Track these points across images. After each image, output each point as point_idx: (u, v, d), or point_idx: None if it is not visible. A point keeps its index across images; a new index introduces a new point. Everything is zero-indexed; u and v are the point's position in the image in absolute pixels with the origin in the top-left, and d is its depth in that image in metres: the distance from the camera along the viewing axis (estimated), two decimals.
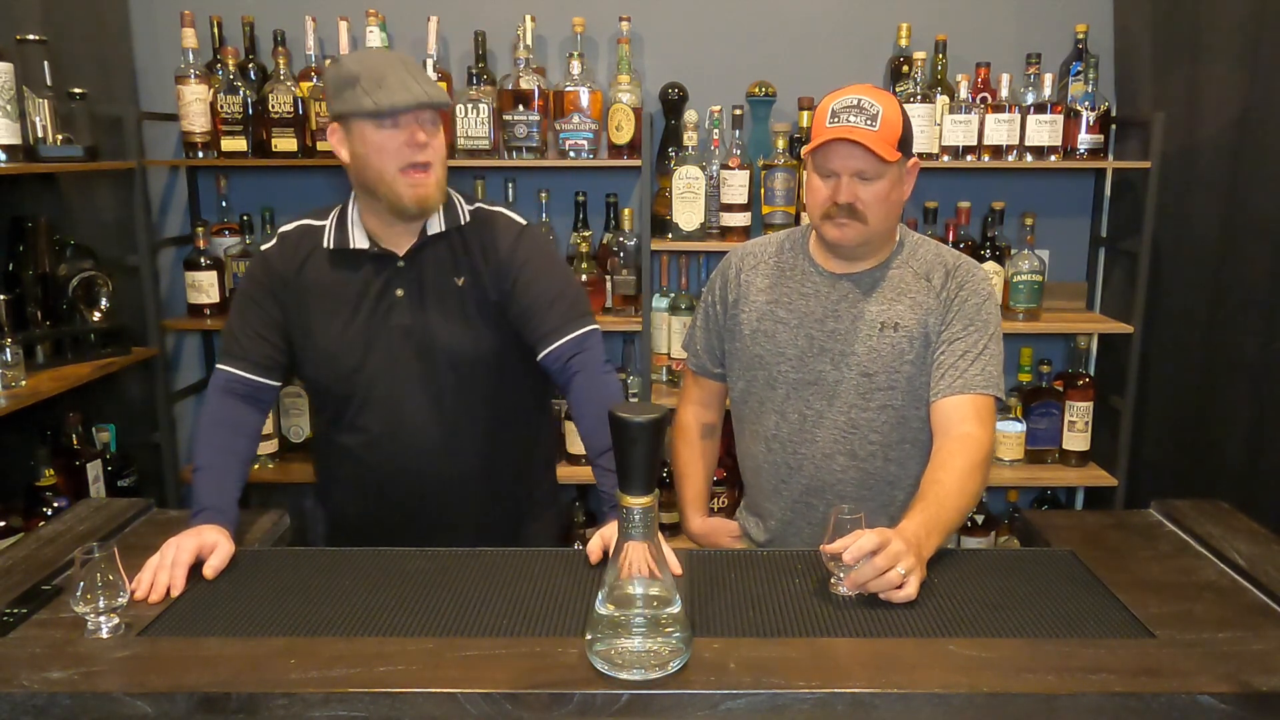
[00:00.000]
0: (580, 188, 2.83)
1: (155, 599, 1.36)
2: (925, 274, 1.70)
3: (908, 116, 1.63)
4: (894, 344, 1.66)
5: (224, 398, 1.68)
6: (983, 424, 1.61)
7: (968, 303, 1.66)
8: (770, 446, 1.76)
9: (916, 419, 1.70)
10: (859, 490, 1.72)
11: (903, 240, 1.74)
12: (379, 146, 1.57)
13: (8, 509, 2.29)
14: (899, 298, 1.68)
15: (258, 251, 1.77)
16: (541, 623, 1.29)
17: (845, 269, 1.72)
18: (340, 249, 1.69)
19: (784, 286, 1.75)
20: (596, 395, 1.64)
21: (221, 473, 1.60)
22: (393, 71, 1.56)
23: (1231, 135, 2.42)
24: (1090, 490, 2.95)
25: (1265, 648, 1.22)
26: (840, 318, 1.70)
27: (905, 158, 1.63)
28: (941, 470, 1.55)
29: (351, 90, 1.56)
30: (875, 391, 1.68)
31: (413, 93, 1.55)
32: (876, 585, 1.32)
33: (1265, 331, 2.31)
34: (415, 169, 1.59)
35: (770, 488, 1.79)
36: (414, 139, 1.57)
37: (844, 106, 1.58)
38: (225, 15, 2.79)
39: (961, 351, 1.64)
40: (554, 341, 1.68)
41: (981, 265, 1.71)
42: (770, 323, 1.74)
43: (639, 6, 2.78)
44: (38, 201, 2.61)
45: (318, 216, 1.75)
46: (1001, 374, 1.67)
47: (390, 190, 1.60)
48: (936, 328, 1.67)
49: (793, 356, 1.72)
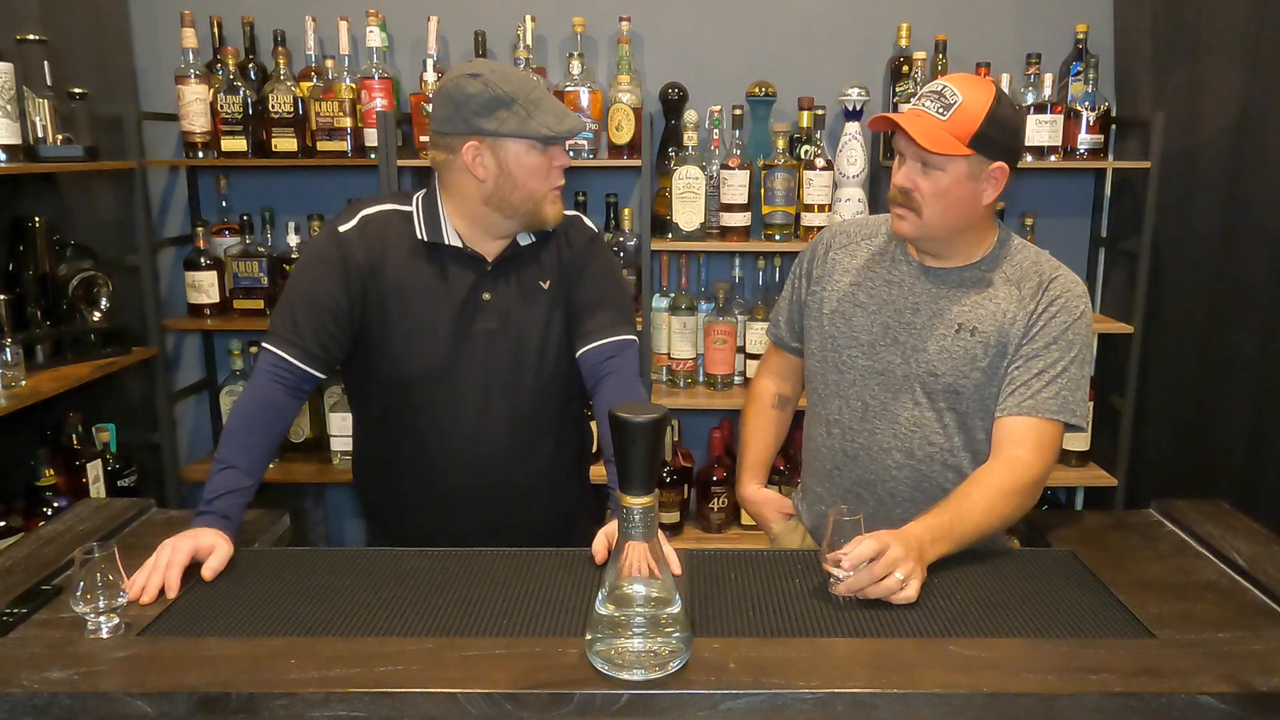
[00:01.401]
0: (580, 188, 2.83)
1: (148, 600, 1.36)
2: (1017, 281, 1.61)
3: (1003, 117, 1.51)
4: (967, 348, 1.59)
5: (270, 385, 1.61)
6: (1040, 451, 1.54)
7: (1056, 319, 1.57)
8: (830, 431, 1.71)
9: (982, 430, 1.62)
10: (912, 492, 1.65)
11: (1004, 242, 1.65)
12: (533, 169, 1.60)
13: (8, 509, 2.29)
14: (984, 301, 1.60)
15: (330, 228, 1.67)
16: (541, 623, 1.29)
17: (935, 263, 1.64)
18: (433, 243, 1.67)
19: (871, 271, 1.70)
20: (627, 399, 1.64)
21: (240, 476, 1.56)
22: (544, 96, 1.60)
23: (1231, 135, 2.41)
24: (1090, 490, 2.95)
25: (1265, 648, 1.22)
26: (919, 311, 1.63)
27: (986, 158, 1.51)
28: (975, 485, 1.51)
29: (508, 112, 1.56)
30: (941, 393, 1.61)
31: (573, 121, 1.61)
32: (874, 592, 1.32)
33: (1265, 331, 2.31)
34: (558, 190, 1.65)
35: (824, 471, 1.74)
36: (563, 163, 1.62)
37: (928, 91, 1.53)
38: (225, 15, 2.79)
39: (1038, 370, 1.56)
40: (594, 341, 1.69)
41: (1081, 281, 1.63)
42: (849, 305, 1.68)
43: (639, 6, 2.78)
44: (38, 201, 2.60)
45: (401, 202, 1.70)
46: (1082, 399, 1.57)
47: (537, 208, 1.63)
48: (1017, 339, 1.58)
49: (865, 343, 1.66)
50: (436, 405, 1.69)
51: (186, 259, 2.82)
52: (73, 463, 2.47)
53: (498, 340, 1.68)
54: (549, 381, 1.73)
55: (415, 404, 1.70)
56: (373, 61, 2.68)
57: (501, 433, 1.71)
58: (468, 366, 1.68)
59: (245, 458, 1.58)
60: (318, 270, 1.65)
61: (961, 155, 1.50)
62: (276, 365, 1.62)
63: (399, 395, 1.70)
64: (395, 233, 1.66)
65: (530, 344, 1.70)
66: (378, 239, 1.66)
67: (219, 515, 1.51)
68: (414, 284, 1.66)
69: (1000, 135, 1.51)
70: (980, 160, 1.52)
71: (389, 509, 1.83)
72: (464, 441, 1.70)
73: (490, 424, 1.70)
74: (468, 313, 1.67)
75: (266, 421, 1.61)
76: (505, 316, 1.69)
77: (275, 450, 1.67)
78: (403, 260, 1.66)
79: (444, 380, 1.68)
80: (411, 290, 1.66)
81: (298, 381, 1.63)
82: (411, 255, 1.66)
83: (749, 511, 1.95)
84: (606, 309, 1.71)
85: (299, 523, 2.98)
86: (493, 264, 1.68)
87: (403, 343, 1.67)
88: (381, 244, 1.66)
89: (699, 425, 2.99)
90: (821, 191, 2.65)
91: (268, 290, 2.79)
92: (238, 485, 1.55)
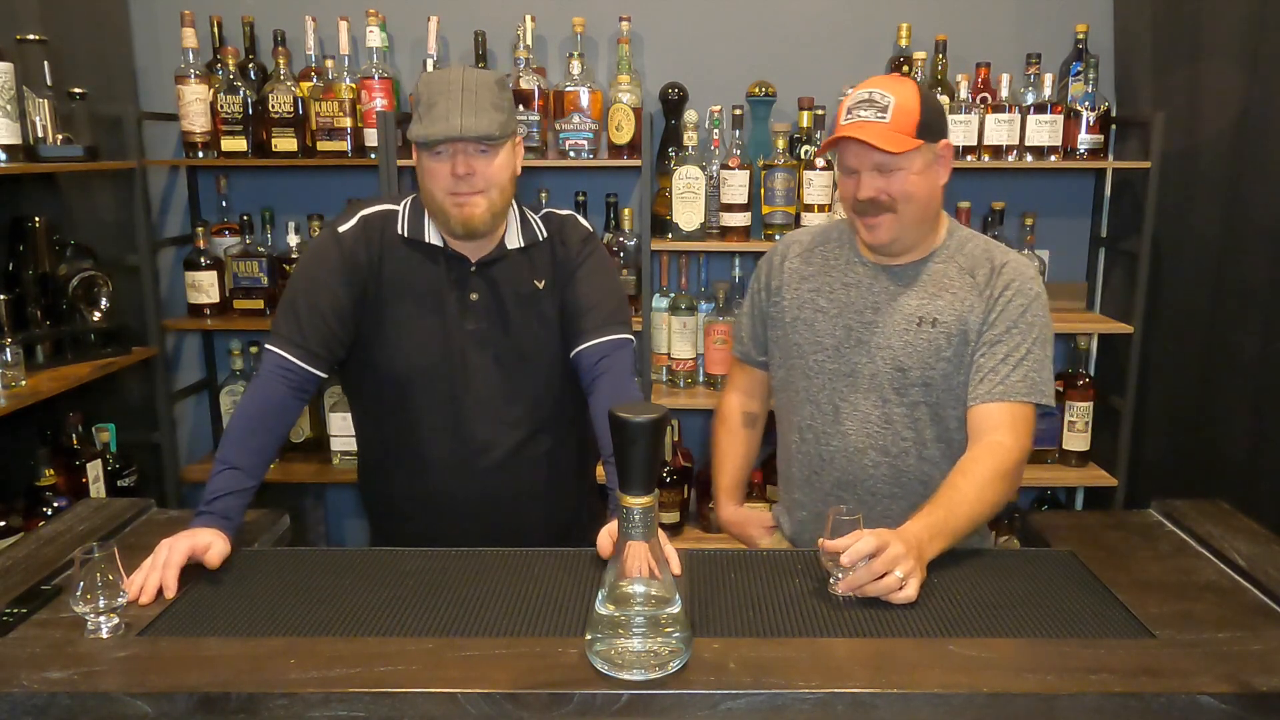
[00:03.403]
0: (580, 188, 2.83)
1: (145, 600, 1.36)
2: (970, 269, 1.66)
3: (931, 100, 1.59)
4: (930, 339, 1.63)
5: (274, 385, 1.62)
6: (1016, 433, 1.58)
7: (1012, 303, 1.61)
8: (804, 437, 1.74)
9: (953, 419, 1.66)
10: (890, 488, 1.69)
11: (951, 233, 1.70)
12: (429, 171, 1.59)
13: (8, 509, 2.29)
14: (940, 292, 1.65)
15: (330, 229, 1.70)
16: (541, 623, 1.29)
17: (888, 261, 1.69)
18: (415, 239, 1.68)
19: (827, 276, 1.73)
20: (619, 399, 1.63)
21: (241, 477, 1.55)
22: (443, 98, 1.55)
23: (1231, 135, 2.41)
24: (1090, 490, 2.95)
25: (1265, 648, 1.22)
26: (879, 310, 1.67)
27: (931, 143, 1.59)
28: (961, 476, 1.54)
29: (417, 113, 1.58)
30: (909, 387, 1.65)
31: (450, 125, 1.53)
32: (873, 589, 1.32)
33: (1265, 331, 2.31)
34: (459, 195, 1.59)
35: (802, 479, 1.76)
36: (454, 169, 1.57)
37: (856, 102, 1.57)
38: (225, 15, 2.79)
39: (1003, 355, 1.60)
40: (588, 340, 1.69)
41: (1031, 264, 1.68)
42: (810, 311, 1.72)
43: (639, 6, 2.78)
44: (38, 201, 2.60)
45: (394, 201, 1.72)
46: (1049, 379, 1.62)
47: (439, 209, 1.62)
48: (977, 326, 1.63)
49: (830, 346, 1.70)
50: (430, 406, 1.70)
51: (186, 259, 2.82)
52: (73, 463, 2.47)
53: (489, 341, 1.69)
54: (546, 383, 1.73)
55: (409, 404, 1.70)
56: (373, 61, 2.68)
57: (497, 434, 1.71)
58: (460, 367, 1.68)
59: (247, 459, 1.58)
60: (318, 271, 1.66)
61: (915, 149, 1.56)
62: (280, 366, 1.63)
63: (393, 395, 1.71)
64: (391, 232, 1.68)
65: (524, 345, 1.70)
66: (376, 239, 1.67)
67: (219, 516, 1.51)
68: (406, 283, 1.67)
69: (935, 117, 1.60)
70: (929, 147, 1.59)
71: (387, 511, 1.83)
72: (459, 443, 1.70)
73: (485, 425, 1.70)
74: (456, 313, 1.68)
75: (269, 422, 1.62)
76: (495, 318, 1.69)
77: (277, 452, 1.67)
78: (396, 260, 1.67)
79: (436, 381, 1.68)
80: (403, 289, 1.67)
81: (301, 382, 1.64)
82: (403, 255, 1.68)
83: (732, 533, 1.97)
84: (600, 309, 1.71)
85: (299, 523, 2.98)
86: (478, 265, 1.69)
87: (394, 342, 1.68)
88: (379, 243, 1.67)
89: (699, 425, 2.99)
90: (821, 191, 2.65)
91: (268, 290, 2.79)
92: (238, 486, 1.55)
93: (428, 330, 1.68)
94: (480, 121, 1.55)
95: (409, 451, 1.73)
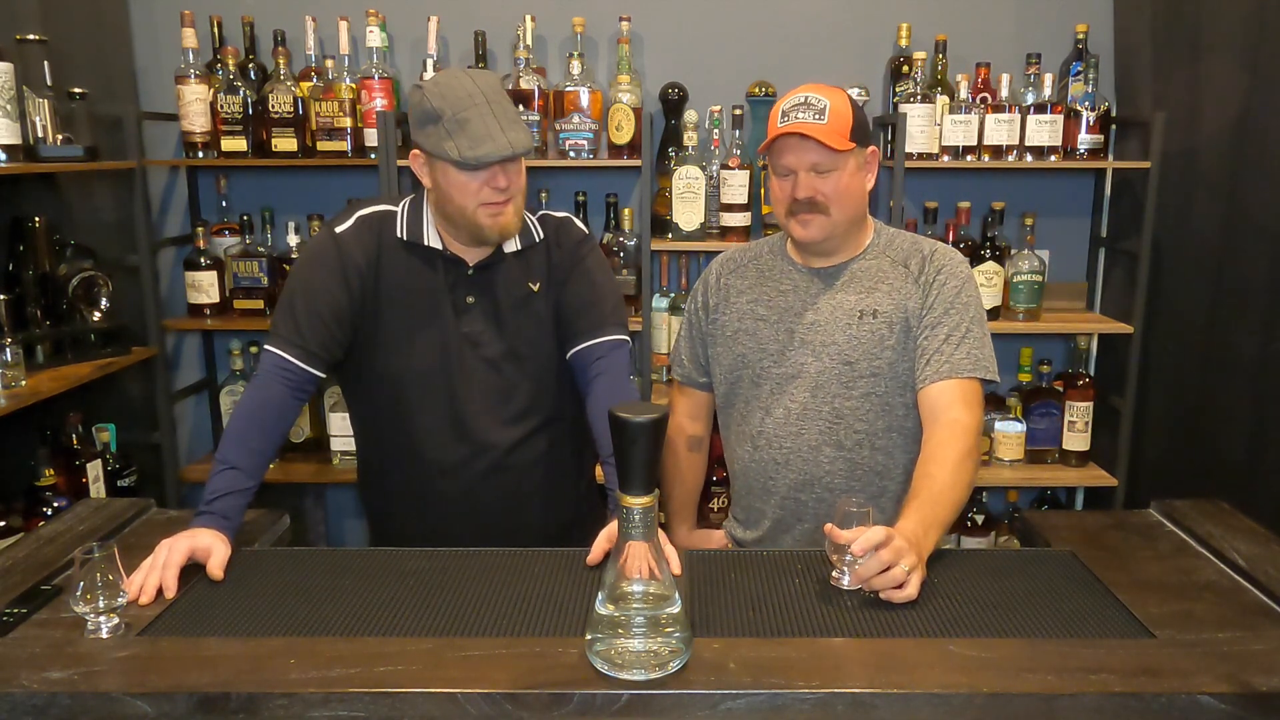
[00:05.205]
0: (580, 188, 2.83)
1: (145, 600, 1.36)
2: (903, 261, 1.73)
3: (860, 109, 1.66)
4: (874, 330, 1.69)
5: (273, 385, 1.62)
6: (970, 408, 1.63)
7: (946, 286, 1.68)
8: (757, 444, 1.77)
9: (901, 406, 1.71)
10: (847, 482, 1.73)
11: (878, 232, 1.78)
12: (461, 186, 1.56)
13: (8, 509, 2.29)
14: (876, 285, 1.71)
15: (327, 229, 1.69)
16: (541, 623, 1.29)
17: (822, 263, 1.75)
18: (413, 243, 1.67)
19: (763, 286, 1.79)
20: (616, 399, 1.63)
21: (242, 477, 1.55)
22: (476, 114, 1.52)
23: (1231, 135, 2.41)
24: (1090, 490, 2.95)
25: (1265, 648, 1.22)
26: (819, 309, 1.72)
27: (861, 147, 1.66)
28: (933, 464, 1.56)
29: (435, 128, 1.53)
30: (858, 379, 1.70)
31: (498, 144, 1.51)
32: (879, 581, 1.32)
33: (1265, 331, 2.31)
34: (493, 205, 1.58)
35: (760, 486, 1.79)
36: (494, 183, 1.56)
37: (792, 105, 1.63)
38: (225, 15, 2.79)
39: (945, 335, 1.66)
40: (584, 341, 1.69)
41: (982, 263, 1.75)
42: (751, 321, 1.77)
43: (639, 6, 2.78)
44: (38, 201, 2.60)
45: (392, 202, 1.71)
46: (991, 355, 1.68)
47: (471, 222, 1.60)
48: (917, 312, 1.69)
49: (774, 351, 1.74)
50: (428, 408, 1.70)
51: (186, 259, 2.82)
52: (73, 463, 2.47)
53: (486, 344, 1.69)
54: (543, 384, 1.73)
55: (406, 406, 1.70)
56: (373, 61, 2.68)
57: (495, 435, 1.71)
58: (457, 369, 1.68)
59: (247, 459, 1.58)
60: (316, 271, 1.66)
61: (850, 150, 1.62)
62: (279, 366, 1.63)
63: (391, 397, 1.71)
64: (388, 233, 1.68)
65: (520, 347, 1.71)
66: (373, 239, 1.67)
67: (219, 516, 1.51)
68: (403, 284, 1.67)
69: (865, 124, 1.68)
70: (860, 150, 1.66)
71: (386, 511, 1.83)
72: (457, 444, 1.71)
73: (483, 426, 1.70)
74: (453, 316, 1.68)
75: (269, 423, 1.62)
76: (492, 320, 1.69)
77: (277, 452, 1.67)
78: (393, 261, 1.67)
79: (433, 382, 1.68)
80: (400, 291, 1.67)
81: (300, 382, 1.64)
82: (401, 256, 1.68)
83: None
84: (596, 310, 1.71)
85: (299, 523, 2.98)
86: (475, 268, 1.68)
87: (391, 343, 1.68)
88: (377, 244, 1.67)
89: None
90: None
91: (268, 290, 2.79)
92: (238, 486, 1.55)
93: (424, 333, 1.68)
94: (521, 136, 1.54)
95: (407, 452, 1.73)
